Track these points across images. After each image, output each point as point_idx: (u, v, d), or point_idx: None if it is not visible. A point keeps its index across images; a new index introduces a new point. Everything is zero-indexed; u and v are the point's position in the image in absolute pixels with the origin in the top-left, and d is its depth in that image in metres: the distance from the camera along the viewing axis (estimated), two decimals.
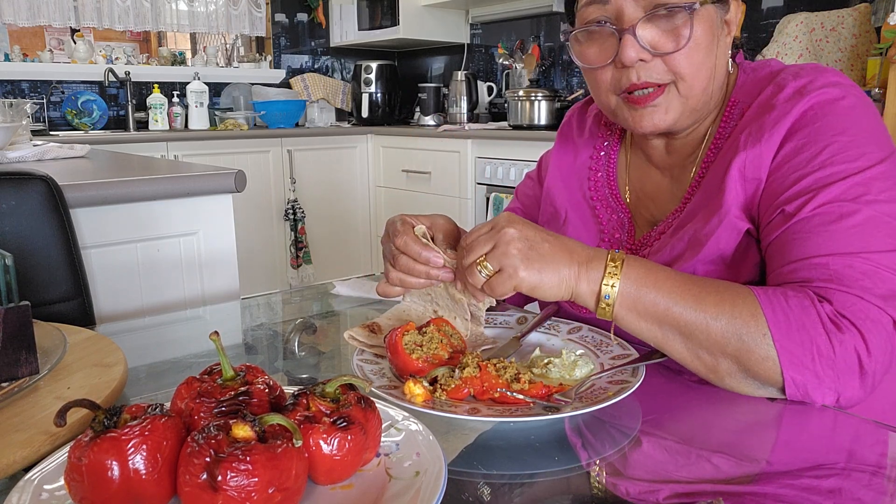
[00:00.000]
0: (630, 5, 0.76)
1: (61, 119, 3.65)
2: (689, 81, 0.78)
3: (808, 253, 0.69)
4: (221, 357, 0.55)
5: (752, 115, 0.79)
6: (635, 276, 0.68)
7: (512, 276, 0.68)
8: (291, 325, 1.02)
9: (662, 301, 0.67)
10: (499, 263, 0.68)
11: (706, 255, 0.77)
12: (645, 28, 0.76)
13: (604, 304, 0.69)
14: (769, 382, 0.66)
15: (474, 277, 0.70)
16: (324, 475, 0.50)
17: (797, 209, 0.71)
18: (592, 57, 0.81)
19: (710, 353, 0.67)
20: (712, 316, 0.66)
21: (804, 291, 0.66)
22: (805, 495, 0.53)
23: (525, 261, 0.68)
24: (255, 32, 4.18)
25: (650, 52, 0.76)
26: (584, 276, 0.69)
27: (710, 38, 0.77)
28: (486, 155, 3.11)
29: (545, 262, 0.68)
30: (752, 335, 0.65)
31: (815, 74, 0.77)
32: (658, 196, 0.90)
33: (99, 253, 1.33)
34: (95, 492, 0.45)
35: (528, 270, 0.68)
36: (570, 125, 1.04)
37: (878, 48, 2.17)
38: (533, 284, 0.68)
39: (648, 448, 0.61)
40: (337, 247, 3.83)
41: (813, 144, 0.73)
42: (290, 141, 3.57)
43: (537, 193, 1.07)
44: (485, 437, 0.63)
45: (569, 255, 0.69)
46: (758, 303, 0.65)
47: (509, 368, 0.68)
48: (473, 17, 4.00)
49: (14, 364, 0.67)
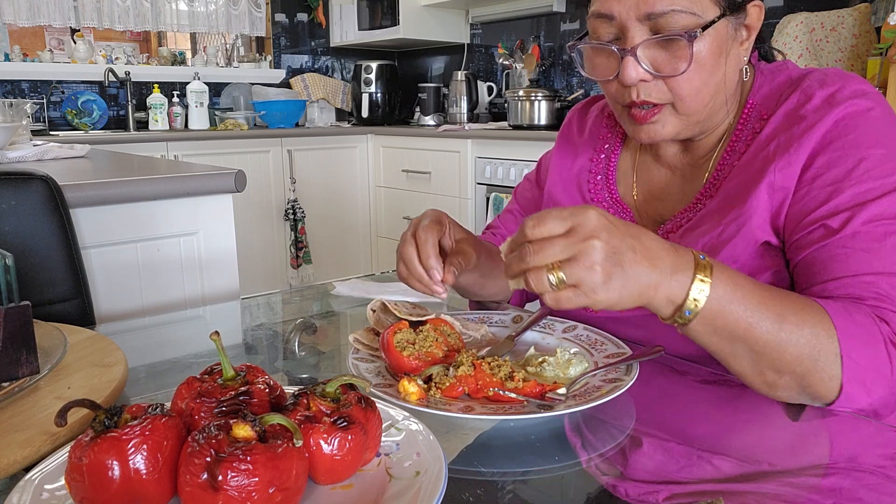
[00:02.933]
0: (634, 26, 0.75)
1: (61, 119, 3.65)
2: (688, 102, 0.77)
3: (855, 270, 0.68)
4: (222, 357, 0.55)
5: (778, 123, 0.78)
6: (723, 292, 0.62)
7: (587, 295, 0.59)
8: (291, 325, 1.02)
9: (744, 319, 0.63)
10: (577, 279, 0.58)
11: (720, 261, 0.76)
12: (647, 49, 0.75)
13: (681, 318, 0.63)
14: (821, 397, 0.65)
15: (540, 283, 0.59)
16: (324, 475, 0.50)
17: (842, 224, 0.70)
18: (597, 69, 0.81)
19: (777, 371, 0.65)
20: (791, 337, 0.63)
21: (862, 309, 0.66)
22: (805, 494, 0.53)
23: (607, 281, 0.59)
24: (255, 32, 4.18)
25: (651, 74, 0.76)
26: (665, 288, 0.61)
27: (715, 56, 0.76)
28: (486, 155, 3.11)
29: (627, 279, 0.59)
30: (827, 356, 0.63)
31: (842, 82, 0.76)
32: (667, 195, 0.90)
33: (99, 253, 1.33)
34: (96, 492, 0.45)
35: (608, 292, 0.59)
36: (570, 126, 1.04)
37: (878, 48, 2.17)
38: (608, 306, 0.60)
39: (648, 448, 0.61)
40: (337, 247, 3.83)
41: (847, 158, 0.72)
42: (290, 141, 3.57)
43: (536, 196, 1.07)
44: (484, 436, 0.63)
45: (651, 265, 0.60)
46: (832, 322, 0.64)
47: (504, 367, 0.68)
48: (473, 17, 4.00)
49: (14, 364, 0.67)
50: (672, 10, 0.73)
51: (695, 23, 0.73)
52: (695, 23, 0.73)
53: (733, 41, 0.78)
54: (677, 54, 0.75)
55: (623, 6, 0.75)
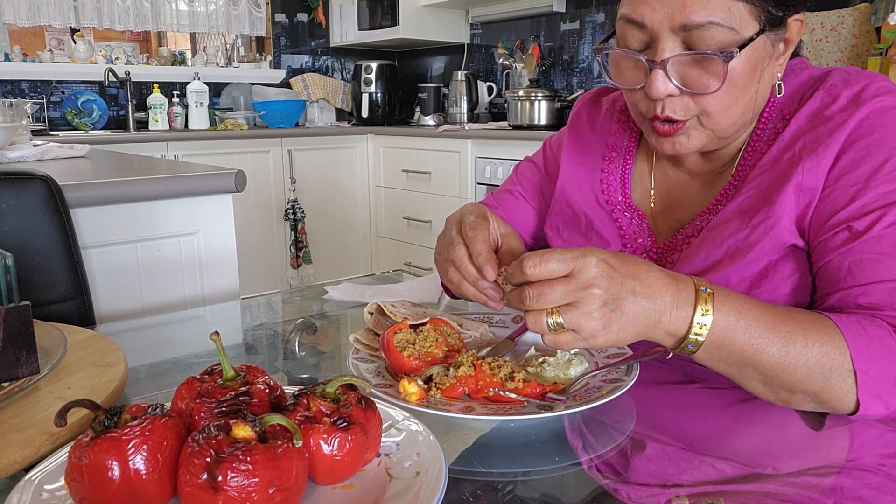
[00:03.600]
0: (667, 37, 0.71)
1: (61, 119, 3.65)
2: (715, 119, 0.74)
3: (879, 276, 0.67)
4: (222, 357, 0.55)
5: (802, 123, 0.76)
6: (725, 323, 0.62)
7: (586, 339, 0.60)
8: (291, 325, 1.02)
9: (749, 345, 0.63)
10: (576, 325, 0.59)
11: (745, 264, 0.75)
12: (677, 64, 0.72)
13: (685, 350, 0.63)
14: (837, 409, 0.65)
15: (539, 326, 0.60)
16: (324, 475, 0.50)
17: (867, 227, 0.68)
18: (622, 77, 0.77)
19: (789, 390, 0.64)
20: (799, 358, 0.63)
21: (877, 321, 0.65)
22: (807, 493, 0.53)
23: (606, 326, 0.60)
24: (255, 32, 4.18)
25: (679, 89, 0.73)
26: (665, 324, 0.62)
27: (749, 74, 0.72)
28: (486, 155, 3.11)
29: (625, 322, 0.60)
30: (839, 372, 0.63)
31: (866, 80, 0.74)
32: (685, 200, 0.87)
33: (99, 253, 1.33)
34: (96, 492, 0.45)
35: (606, 335, 0.60)
36: (579, 119, 1.00)
37: (878, 48, 2.17)
38: (607, 346, 0.62)
39: (650, 450, 0.61)
40: (337, 247, 3.84)
41: (872, 157, 0.70)
42: (290, 141, 3.57)
43: (540, 179, 1.03)
44: (485, 437, 0.63)
45: (650, 302, 0.61)
46: (843, 338, 0.63)
47: (504, 367, 0.68)
48: (473, 17, 4.00)
49: (14, 364, 0.67)
50: (710, 22, 0.68)
51: (731, 38, 0.69)
52: (731, 38, 0.69)
53: (769, 58, 0.75)
54: (710, 71, 0.71)
55: (656, 14, 0.70)
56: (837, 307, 0.70)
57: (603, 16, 3.36)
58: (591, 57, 3.43)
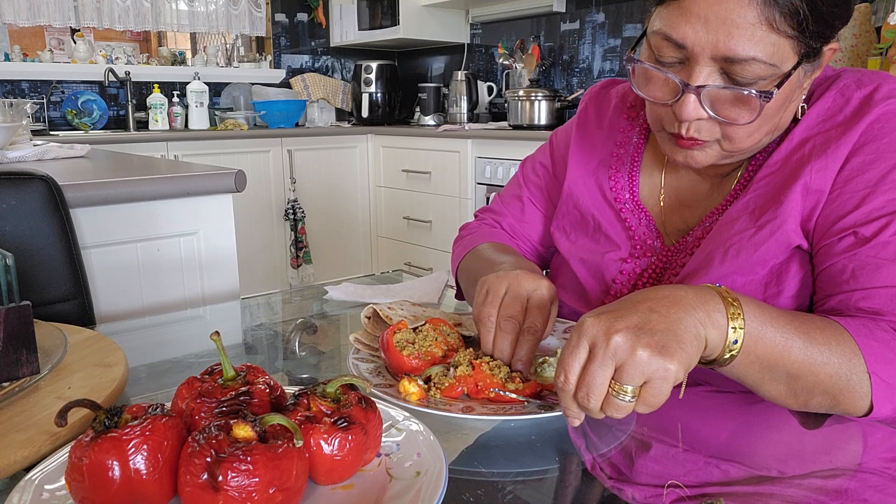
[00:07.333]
0: (705, 63, 0.68)
1: (61, 119, 3.65)
2: (737, 143, 0.73)
3: (882, 282, 0.67)
4: (222, 357, 0.55)
5: (812, 123, 0.75)
6: (755, 314, 0.60)
7: (665, 377, 0.54)
8: (292, 325, 1.02)
9: (780, 341, 0.61)
10: (638, 376, 0.54)
11: (751, 265, 0.74)
12: (711, 92, 0.69)
13: (728, 352, 0.60)
14: (851, 412, 0.64)
15: (619, 408, 0.55)
16: (324, 475, 0.50)
17: (874, 234, 0.68)
18: (650, 90, 0.75)
19: (810, 392, 0.63)
20: (821, 356, 0.62)
21: (881, 325, 0.65)
22: (811, 495, 0.53)
23: (660, 351, 0.54)
24: (255, 32, 4.18)
25: (708, 115, 0.71)
26: (708, 320, 0.58)
27: (781, 105, 0.71)
28: (486, 155, 3.11)
29: (674, 335, 0.55)
30: (858, 374, 0.62)
31: (878, 81, 0.74)
32: (694, 202, 0.86)
33: (99, 253, 1.33)
34: (96, 492, 0.45)
35: (671, 357, 0.54)
36: (586, 114, 0.98)
37: (878, 48, 2.17)
38: (688, 365, 0.56)
39: (654, 451, 0.61)
40: (337, 247, 3.84)
41: (882, 161, 0.70)
42: (290, 141, 3.57)
43: (548, 184, 1.01)
44: (485, 437, 0.63)
45: (679, 308, 0.57)
46: (854, 340, 0.63)
47: (503, 367, 0.68)
48: (473, 17, 4.00)
49: (15, 364, 0.67)
50: (753, 58, 0.66)
51: (771, 73, 0.67)
52: (771, 73, 0.67)
53: (800, 87, 0.73)
54: (743, 102, 0.69)
55: (699, 39, 0.67)
56: (838, 309, 0.69)
57: (603, 16, 3.36)
58: (590, 57, 3.43)
